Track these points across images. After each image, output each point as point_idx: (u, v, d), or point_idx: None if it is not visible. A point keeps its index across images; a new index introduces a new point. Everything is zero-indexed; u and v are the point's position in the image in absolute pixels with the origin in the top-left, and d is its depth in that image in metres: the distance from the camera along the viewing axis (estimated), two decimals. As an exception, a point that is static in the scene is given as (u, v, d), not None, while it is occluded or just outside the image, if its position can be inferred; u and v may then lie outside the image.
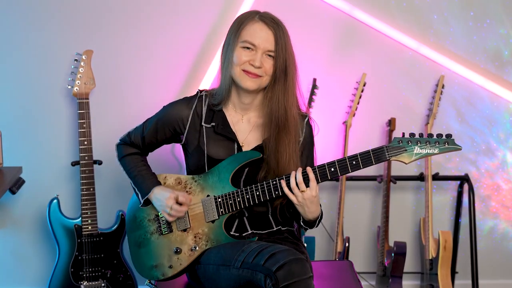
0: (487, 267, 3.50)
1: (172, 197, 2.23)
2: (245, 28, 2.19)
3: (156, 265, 2.30)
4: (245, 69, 2.20)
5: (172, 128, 2.33)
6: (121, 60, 3.18)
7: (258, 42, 2.18)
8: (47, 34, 3.12)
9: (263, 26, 2.19)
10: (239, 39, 2.19)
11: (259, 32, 2.19)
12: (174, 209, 2.22)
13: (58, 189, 3.16)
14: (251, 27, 2.19)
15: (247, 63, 2.19)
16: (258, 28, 2.19)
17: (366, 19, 3.24)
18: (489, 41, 3.31)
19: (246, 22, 2.20)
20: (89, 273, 3.02)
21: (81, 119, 2.97)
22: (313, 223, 2.26)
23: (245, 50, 2.19)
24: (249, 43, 2.18)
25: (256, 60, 2.18)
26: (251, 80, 2.21)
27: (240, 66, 2.20)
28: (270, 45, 2.19)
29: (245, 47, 2.19)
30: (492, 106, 3.38)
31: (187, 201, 2.25)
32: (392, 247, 3.22)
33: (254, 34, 2.18)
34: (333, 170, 2.16)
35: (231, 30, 2.24)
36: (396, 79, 3.33)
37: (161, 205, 2.26)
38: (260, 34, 2.18)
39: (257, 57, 2.18)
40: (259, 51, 2.18)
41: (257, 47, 2.18)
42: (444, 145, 2.12)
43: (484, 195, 3.47)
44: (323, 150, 3.19)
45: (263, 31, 2.18)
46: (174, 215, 2.24)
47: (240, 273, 2.08)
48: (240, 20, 2.23)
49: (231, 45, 2.21)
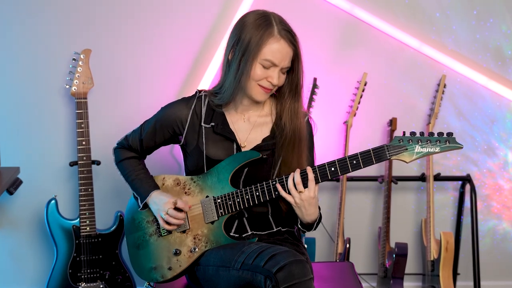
0: (489, 268, 3.50)
1: (170, 202, 2.22)
2: (266, 46, 2.13)
3: (155, 267, 2.30)
4: (261, 85, 2.19)
5: (171, 129, 2.32)
6: (120, 59, 3.17)
7: (279, 61, 2.16)
8: (45, 33, 3.12)
9: (285, 45, 2.15)
10: (259, 55, 2.14)
11: (281, 51, 2.14)
12: (170, 213, 2.21)
13: (56, 189, 3.16)
14: (273, 46, 2.13)
15: (265, 79, 2.18)
16: (281, 47, 2.14)
17: (367, 18, 3.23)
18: (492, 40, 3.30)
19: (268, 39, 2.13)
20: (87, 274, 3.02)
21: (79, 119, 2.96)
22: (311, 226, 2.24)
23: (264, 67, 2.17)
24: (271, 63, 2.15)
25: (274, 78, 2.17)
26: (265, 94, 2.21)
27: (256, 81, 2.18)
28: (289, 63, 2.18)
29: (265, 65, 2.16)
30: (494, 106, 3.38)
31: (186, 208, 2.24)
32: (393, 248, 3.22)
33: (276, 53, 2.14)
34: (333, 169, 2.15)
35: (246, 38, 2.15)
36: (397, 79, 3.33)
37: (158, 209, 2.26)
38: (282, 53, 2.15)
39: (275, 75, 2.16)
40: (277, 69, 2.17)
41: (277, 66, 2.16)
42: (445, 143, 2.10)
43: (486, 195, 3.46)
44: (323, 150, 3.19)
45: (285, 49, 2.15)
46: (168, 220, 2.22)
47: (240, 275, 2.07)
48: (260, 33, 2.13)
49: (249, 58, 2.14)
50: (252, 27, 2.15)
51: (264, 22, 2.15)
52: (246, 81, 2.17)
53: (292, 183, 2.14)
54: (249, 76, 2.16)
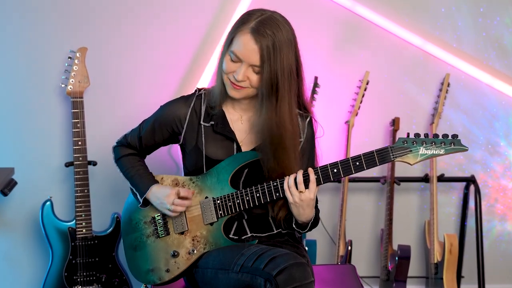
0: (494, 271, 3.50)
1: (173, 193, 2.21)
2: (235, 38, 2.12)
3: (152, 269, 2.29)
4: (229, 79, 2.17)
5: (170, 128, 2.32)
6: (117, 57, 3.17)
7: (243, 56, 2.11)
8: (40, 31, 3.11)
9: (250, 40, 2.08)
10: (229, 47, 2.14)
11: (245, 45, 2.09)
12: (175, 202, 2.19)
13: (51, 190, 3.15)
14: (240, 39, 2.10)
15: (231, 73, 2.15)
16: (245, 42, 2.09)
17: (368, 15, 3.24)
18: (498, 38, 3.31)
19: (238, 32, 2.11)
20: (83, 277, 3.01)
21: (75, 118, 2.96)
22: (306, 227, 2.23)
23: (231, 61, 2.14)
24: (235, 55, 2.12)
25: (238, 74, 2.12)
26: (236, 90, 2.17)
27: (226, 75, 2.17)
28: (255, 61, 2.10)
29: (232, 58, 2.13)
30: (499, 105, 3.39)
31: (189, 195, 2.23)
32: (396, 250, 3.22)
33: (240, 47, 2.10)
34: (335, 171, 2.14)
35: (229, 31, 2.18)
36: (400, 77, 3.33)
37: (161, 203, 2.24)
38: (246, 48, 2.09)
39: (240, 70, 2.12)
40: (243, 65, 2.12)
41: (242, 60, 2.12)
42: (450, 145, 2.11)
43: (491, 196, 3.47)
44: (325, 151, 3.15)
45: (250, 45, 2.08)
46: (175, 210, 2.21)
47: (239, 277, 2.06)
48: (237, 26, 2.14)
49: (224, 50, 2.17)
50: (236, 22, 2.16)
51: (245, 18, 2.14)
52: (221, 73, 2.18)
53: (293, 181, 2.12)
54: (221, 68, 2.17)
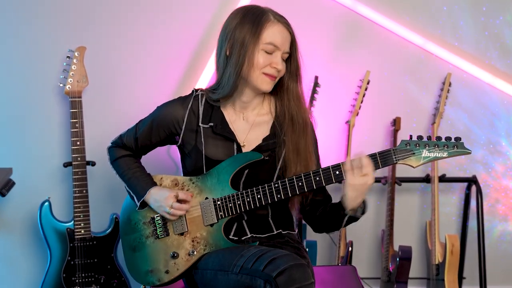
0: (496, 272, 3.48)
1: (172, 195, 2.21)
2: (266, 30, 2.15)
3: (151, 270, 2.28)
4: (267, 73, 2.19)
5: (167, 129, 2.31)
6: (115, 57, 3.16)
7: (280, 44, 2.17)
8: (38, 30, 3.10)
9: (283, 28, 2.18)
10: (260, 41, 2.15)
11: (281, 33, 2.17)
12: (174, 206, 2.19)
13: (49, 191, 3.14)
14: (273, 28, 2.16)
15: (269, 66, 2.18)
16: (280, 29, 2.17)
17: (369, 14, 3.25)
18: (501, 38, 3.32)
19: (265, 23, 2.16)
20: (82, 278, 3.00)
21: (73, 118, 2.95)
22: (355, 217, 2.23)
23: (267, 53, 2.17)
24: (273, 46, 2.16)
25: (278, 63, 2.18)
26: (270, 83, 2.21)
27: (261, 69, 2.18)
28: (288, 47, 2.20)
29: (267, 50, 2.16)
30: (502, 105, 3.39)
31: (188, 198, 2.23)
32: (397, 251, 3.22)
33: (277, 35, 2.17)
34: (338, 173, 2.14)
35: (242, 30, 2.16)
36: (401, 77, 3.34)
37: (160, 206, 2.24)
38: (283, 35, 2.17)
39: (278, 59, 2.18)
40: (279, 53, 2.18)
41: (280, 49, 2.17)
42: (453, 148, 2.10)
43: (493, 197, 3.47)
44: (325, 151, 3.16)
45: (284, 32, 2.18)
46: (174, 214, 2.21)
47: (239, 279, 2.04)
48: (256, 21, 2.16)
49: (250, 46, 2.15)
50: (246, 18, 2.19)
51: (257, 11, 2.21)
52: (249, 71, 2.17)
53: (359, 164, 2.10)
54: (252, 65, 2.17)
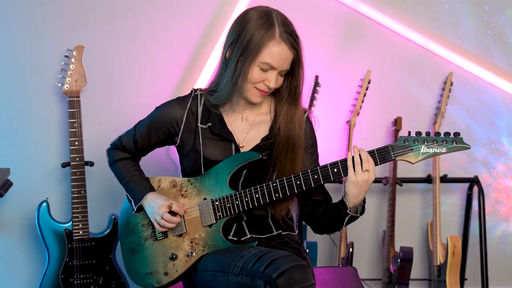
0: (498, 273, 3.48)
1: (165, 205, 2.20)
2: (266, 48, 2.09)
3: (150, 272, 2.28)
4: (258, 88, 2.16)
5: (166, 129, 2.30)
6: (114, 56, 3.16)
7: (278, 65, 2.12)
8: (36, 29, 3.09)
9: (285, 48, 2.11)
10: (258, 58, 2.10)
11: (281, 55, 2.11)
12: (165, 218, 2.19)
13: (47, 191, 3.13)
14: (274, 49, 2.09)
15: (262, 82, 2.15)
16: (281, 51, 2.10)
17: (370, 13, 3.24)
18: (503, 37, 3.32)
19: (268, 41, 2.09)
20: (80, 279, 2.99)
21: (71, 118, 2.95)
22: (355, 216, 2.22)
23: (262, 70, 2.14)
24: (269, 66, 2.12)
25: (271, 81, 2.14)
26: (261, 97, 2.19)
27: (253, 84, 2.15)
28: (288, 66, 2.15)
29: (263, 68, 2.13)
30: (504, 105, 3.38)
31: (181, 212, 2.22)
32: (398, 252, 3.21)
33: (276, 57, 2.10)
34: (336, 171, 2.13)
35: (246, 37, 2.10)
36: (402, 76, 3.33)
37: (153, 212, 2.24)
38: (282, 57, 2.12)
39: (272, 78, 2.13)
40: (275, 72, 2.14)
41: (276, 69, 2.13)
42: (452, 144, 2.09)
43: (494, 197, 3.46)
44: (325, 151, 3.21)
45: (285, 53, 2.11)
46: (164, 225, 2.21)
47: (238, 280, 2.04)
48: (261, 34, 2.09)
49: (247, 59, 2.11)
50: (253, 26, 2.11)
51: (266, 22, 2.11)
52: (243, 83, 2.15)
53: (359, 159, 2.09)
54: (246, 78, 2.13)
